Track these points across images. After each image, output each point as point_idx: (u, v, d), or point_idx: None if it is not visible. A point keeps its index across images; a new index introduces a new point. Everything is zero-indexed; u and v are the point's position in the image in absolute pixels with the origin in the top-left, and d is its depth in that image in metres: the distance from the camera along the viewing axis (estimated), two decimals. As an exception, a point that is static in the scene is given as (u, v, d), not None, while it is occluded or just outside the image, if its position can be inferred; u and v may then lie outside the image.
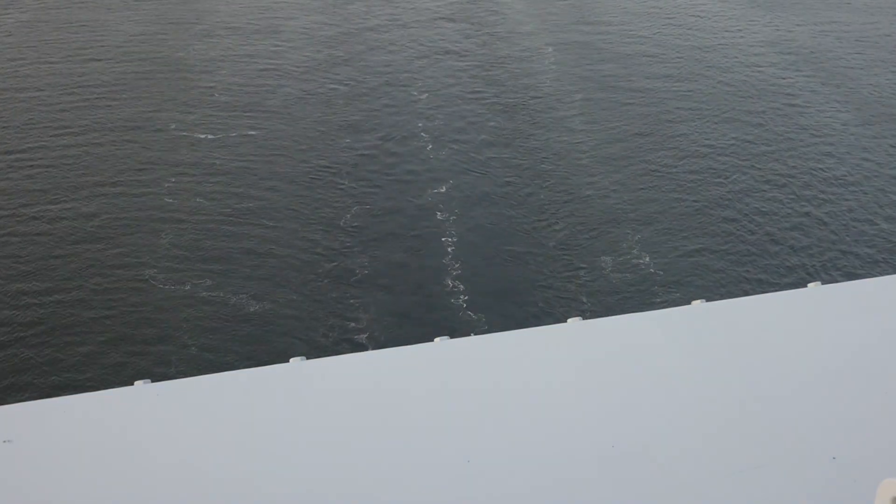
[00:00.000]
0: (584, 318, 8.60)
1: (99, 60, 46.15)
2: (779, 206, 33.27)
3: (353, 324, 25.87)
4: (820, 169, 36.39)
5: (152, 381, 7.48)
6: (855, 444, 6.59)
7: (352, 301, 26.91)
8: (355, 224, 31.18)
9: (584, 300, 27.19)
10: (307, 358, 7.84)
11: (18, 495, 6.08)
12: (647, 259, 29.39)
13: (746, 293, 27.14)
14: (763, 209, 33.03)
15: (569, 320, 8.39)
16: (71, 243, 29.38)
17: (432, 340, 7.96)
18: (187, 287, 27.11)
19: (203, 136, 37.48)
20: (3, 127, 38.23)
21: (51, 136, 37.26)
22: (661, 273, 28.70)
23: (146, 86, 42.84)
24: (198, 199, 32.31)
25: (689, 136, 39.19)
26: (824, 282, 9.34)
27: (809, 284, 9.07)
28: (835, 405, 7.07)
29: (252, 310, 26.18)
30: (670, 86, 44.89)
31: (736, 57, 49.51)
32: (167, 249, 29.13)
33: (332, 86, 43.65)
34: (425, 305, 27.03)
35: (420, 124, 39.60)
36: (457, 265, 28.97)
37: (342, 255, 29.30)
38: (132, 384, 7.45)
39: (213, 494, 6.16)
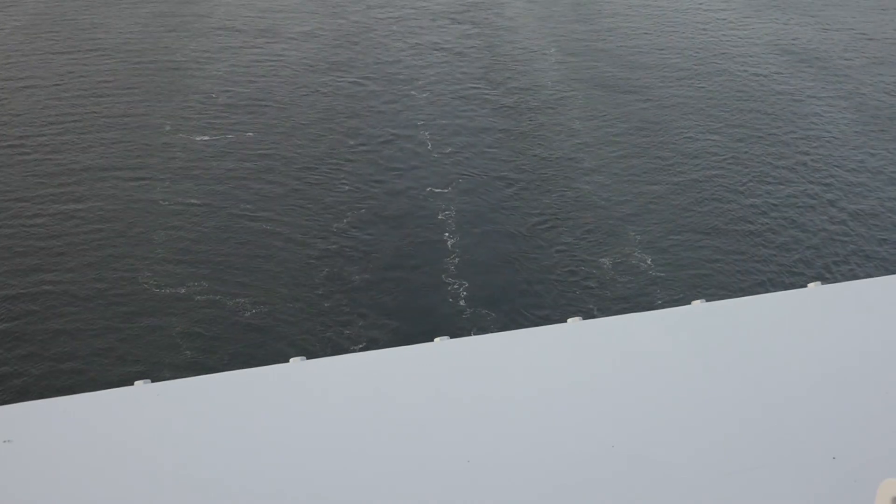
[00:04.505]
0: (584, 318, 8.60)
1: (95, 60, 46.14)
2: (780, 207, 33.27)
3: (352, 324, 25.86)
4: (821, 169, 36.40)
5: (152, 382, 7.49)
6: (855, 444, 6.59)
7: (351, 302, 26.89)
8: (355, 225, 31.17)
9: (585, 300, 27.19)
10: (307, 358, 7.85)
11: (18, 495, 6.08)
12: (648, 260, 29.39)
13: (746, 293, 27.15)
14: (764, 209, 33.04)
15: (569, 320, 8.39)
16: (64, 245, 29.35)
17: (432, 340, 7.95)
18: (182, 290, 27.04)
19: (199, 138, 37.46)
20: None
21: (44, 136, 37.25)
22: (662, 273, 28.70)
23: (142, 86, 42.84)
24: (193, 201, 32.27)
25: (691, 136, 39.20)
26: (824, 282, 9.33)
27: (809, 284, 9.06)
28: (835, 405, 7.07)
29: (249, 313, 26.15)
30: (672, 86, 44.90)
31: (738, 57, 49.53)
32: (162, 252, 29.10)
33: (332, 87, 43.65)
34: (425, 305, 27.02)
35: (420, 125, 39.59)
36: (457, 265, 28.97)
37: (341, 256, 29.30)
38: (132, 384, 7.46)
39: (213, 494, 6.16)
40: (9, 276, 27.62)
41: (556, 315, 26.07)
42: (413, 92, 43.21)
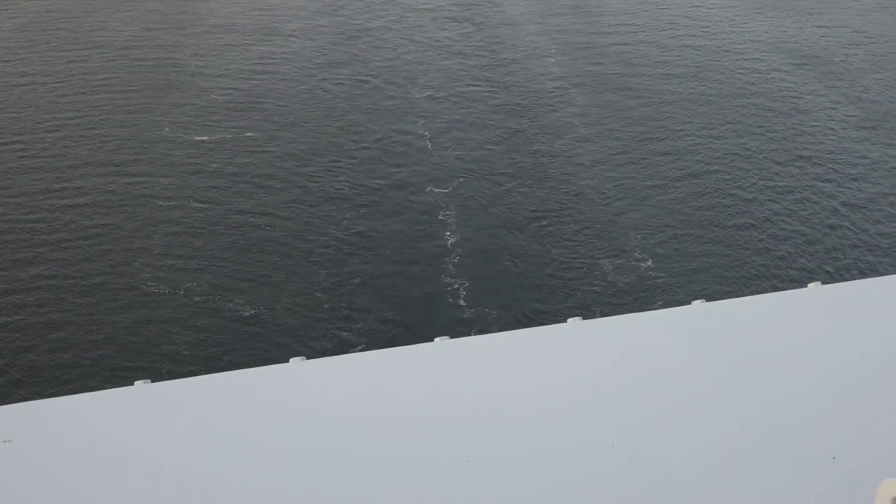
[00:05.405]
0: (584, 317, 8.60)
1: (95, 58, 46.13)
2: (780, 206, 33.26)
3: (352, 324, 25.86)
4: (822, 170, 36.38)
5: (152, 382, 7.49)
6: (855, 444, 6.59)
7: (351, 302, 26.90)
8: (355, 225, 31.17)
9: (585, 300, 27.19)
10: (307, 358, 7.84)
11: (18, 495, 6.08)
12: (648, 260, 29.39)
13: (747, 290, 27.16)
14: (764, 209, 33.03)
15: (569, 320, 8.37)
16: (62, 246, 29.33)
17: (432, 340, 7.95)
18: (182, 290, 27.02)
19: (199, 138, 37.45)
20: None
21: (43, 138, 37.23)
22: (662, 273, 28.70)
23: (141, 87, 42.83)
24: (192, 202, 32.25)
25: (692, 137, 39.19)
26: (824, 282, 9.32)
27: (809, 284, 9.05)
28: (835, 405, 7.06)
29: (249, 313, 26.13)
30: (673, 87, 44.88)
31: (739, 58, 49.51)
32: (161, 250, 29.09)
33: (332, 86, 43.64)
34: (425, 305, 27.02)
35: (421, 123, 39.59)
36: (457, 265, 28.97)
37: (341, 255, 29.29)
38: (132, 384, 7.46)
39: (213, 494, 6.16)
40: (7, 274, 27.61)
41: (555, 313, 26.08)
42: (413, 91, 43.20)
